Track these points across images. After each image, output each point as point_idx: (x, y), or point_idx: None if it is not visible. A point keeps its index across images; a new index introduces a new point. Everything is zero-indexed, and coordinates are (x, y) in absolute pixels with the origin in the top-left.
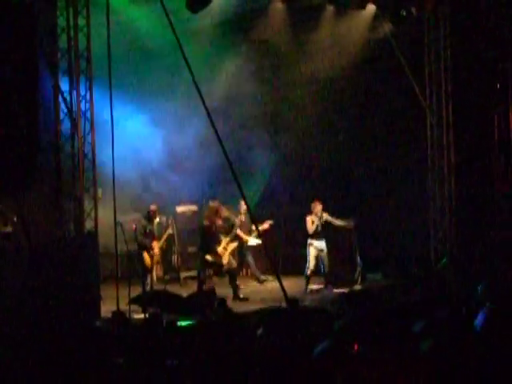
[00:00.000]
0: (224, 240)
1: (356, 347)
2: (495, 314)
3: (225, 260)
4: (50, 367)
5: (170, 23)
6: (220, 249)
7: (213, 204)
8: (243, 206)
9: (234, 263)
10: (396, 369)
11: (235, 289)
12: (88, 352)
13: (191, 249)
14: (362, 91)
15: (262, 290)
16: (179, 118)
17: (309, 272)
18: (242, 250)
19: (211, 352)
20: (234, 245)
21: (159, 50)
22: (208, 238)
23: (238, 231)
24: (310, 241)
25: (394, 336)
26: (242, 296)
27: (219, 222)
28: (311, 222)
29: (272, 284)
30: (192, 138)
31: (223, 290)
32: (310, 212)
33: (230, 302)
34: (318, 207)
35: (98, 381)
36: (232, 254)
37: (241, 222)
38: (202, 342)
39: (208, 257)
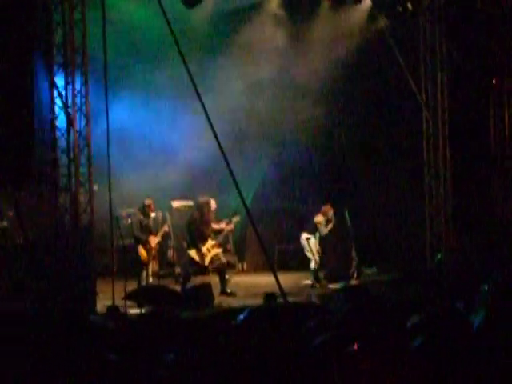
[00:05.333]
0: (210, 242)
1: (356, 346)
2: (494, 312)
3: (206, 262)
4: (43, 363)
5: (169, 26)
6: (204, 249)
7: (202, 198)
8: (236, 217)
9: (223, 259)
10: (387, 365)
11: (223, 284)
12: (82, 347)
13: (186, 244)
14: (357, 87)
15: (256, 285)
16: (175, 112)
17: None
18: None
19: (209, 347)
20: (218, 251)
21: (155, 46)
22: (194, 233)
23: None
24: (307, 235)
25: (388, 331)
26: (229, 291)
27: (210, 216)
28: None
29: (266, 279)
30: (187, 133)
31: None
32: (319, 212)
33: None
34: (330, 212)
35: (90, 378)
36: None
37: (231, 230)
38: (199, 337)
39: (192, 253)
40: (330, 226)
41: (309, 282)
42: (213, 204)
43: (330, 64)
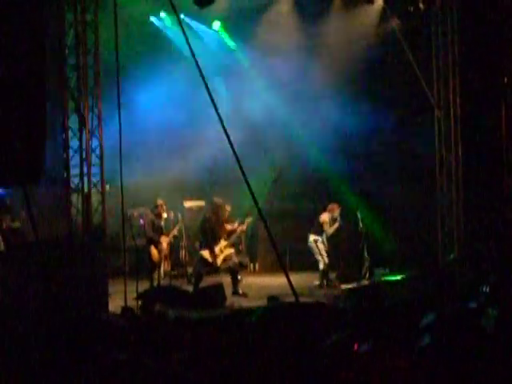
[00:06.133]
0: (223, 242)
1: (356, 346)
2: (504, 313)
3: (219, 262)
4: (55, 363)
5: (182, 29)
6: (217, 249)
7: (217, 200)
8: (249, 218)
9: (235, 260)
10: (398, 364)
11: (235, 284)
12: (95, 347)
13: (198, 244)
14: (369, 87)
15: (268, 286)
16: (188, 112)
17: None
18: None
19: (217, 346)
20: (231, 251)
21: (169, 46)
22: (207, 234)
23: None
24: (315, 237)
25: (399, 331)
26: (241, 291)
27: (222, 218)
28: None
29: (278, 279)
30: (200, 133)
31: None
32: (325, 210)
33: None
34: (336, 211)
35: (101, 377)
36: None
37: (242, 231)
38: (209, 336)
39: (204, 253)
40: (336, 225)
41: (317, 282)
42: (227, 207)
43: (342, 64)
